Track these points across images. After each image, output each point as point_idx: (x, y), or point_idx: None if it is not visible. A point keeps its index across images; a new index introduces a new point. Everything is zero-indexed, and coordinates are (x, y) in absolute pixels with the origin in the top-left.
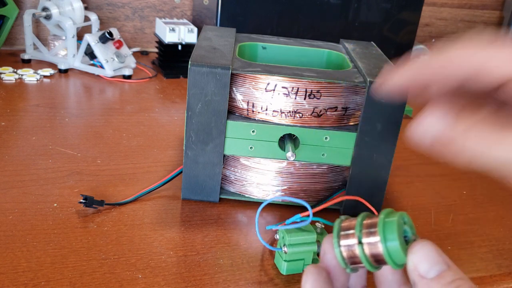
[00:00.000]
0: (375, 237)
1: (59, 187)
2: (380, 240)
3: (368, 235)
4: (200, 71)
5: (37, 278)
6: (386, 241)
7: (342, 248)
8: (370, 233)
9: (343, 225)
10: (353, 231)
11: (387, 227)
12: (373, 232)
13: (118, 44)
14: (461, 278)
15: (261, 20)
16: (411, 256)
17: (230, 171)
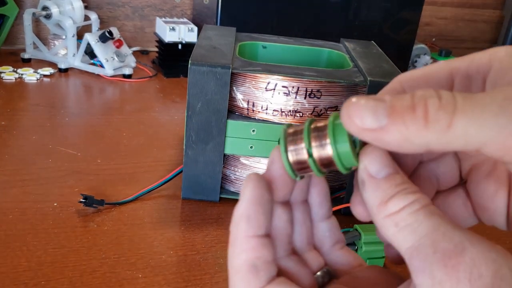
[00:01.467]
0: (324, 140)
1: (59, 187)
2: (330, 143)
3: (317, 138)
4: (200, 70)
5: (37, 277)
6: (336, 143)
7: (289, 153)
8: (319, 136)
9: (290, 131)
10: (301, 136)
11: (337, 129)
12: (323, 135)
13: (118, 43)
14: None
15: (262, 19)
16: (362, 157)
17: (230, 171)
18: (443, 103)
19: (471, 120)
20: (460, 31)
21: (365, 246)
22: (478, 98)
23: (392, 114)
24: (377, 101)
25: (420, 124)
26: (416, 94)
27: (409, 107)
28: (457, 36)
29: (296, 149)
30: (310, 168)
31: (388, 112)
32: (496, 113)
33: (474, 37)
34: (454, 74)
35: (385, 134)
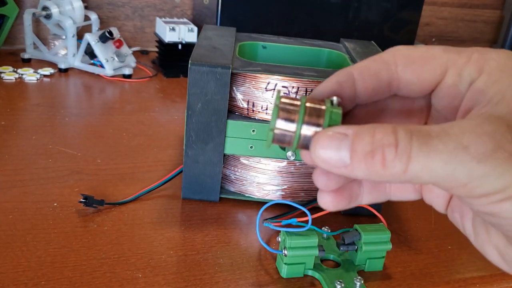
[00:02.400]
0: (318, 122)
1: (59, 187)
2: (323, 127)
3: (312, 118)
4: (200, 70)
5: (37, 277)
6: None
7: (279, 120)
8: (314, 117)
9: (285, 101)
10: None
11: (334, 117)
12: (318, 118)
13: (118, 44)
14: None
15: (262, 19)
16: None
17: (230, 171)
18: (399, 153)
19: (424, 168)
20: (460, 32)
21: (365, 246)
22: (433, 145)
23: (354, 157)
24: (340, 140)
25: (379, 168)
26: (375, 138)
27: (369, 152)
28: (457, 36)
29: (288, 119)
30: (291, 141)
31: (350, 155)
32: (445, 162)
33: (474, 38)
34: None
35: (350, 170)
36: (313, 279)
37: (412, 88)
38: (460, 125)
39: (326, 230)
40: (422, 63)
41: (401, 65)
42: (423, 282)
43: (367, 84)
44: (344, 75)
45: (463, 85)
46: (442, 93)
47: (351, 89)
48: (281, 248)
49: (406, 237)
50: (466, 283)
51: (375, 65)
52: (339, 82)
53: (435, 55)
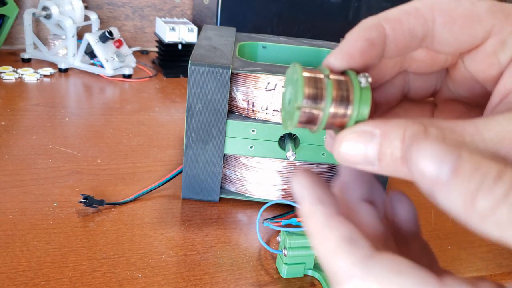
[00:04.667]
0: (347, 104)
1: (59, 187)
2: (352, 109)
3: (340, 98)
4: (200, 70)
5: (37, 277)
6: (360, 110)
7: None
8: (343, 98)
9: (308, 75)
10: (322, 88)
11: (364, 97)
12: (347, 98)
13: (118, 44)
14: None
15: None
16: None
17: (230, 171)
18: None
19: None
20: None
21: None
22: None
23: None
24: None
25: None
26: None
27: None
28: None
29: (312, 105)
30: (315, 126)
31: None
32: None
33: None
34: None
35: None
36: (313, 279)
37: (446, 47)
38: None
39: None
40: (464, 24)
41: (440, 23)
42: None
43: (399, 41)
44: (375, 30)
45: (505, 55)
46: (478, 59)
47: (382, 46)
48: (281, 248)
49: None
50: None
51: (410, 19)
52: (369, 40)
53: (480, 15)
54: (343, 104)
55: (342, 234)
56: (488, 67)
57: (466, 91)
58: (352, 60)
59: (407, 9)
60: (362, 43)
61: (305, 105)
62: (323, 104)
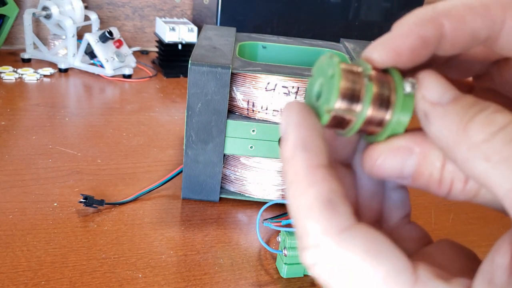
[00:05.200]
0: (387, 109)
1: (59, 187)
2: (392, 114)
3: (379, 102)
4: (200, 70)
5: (37, 277)
6: (400, 117)
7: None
8: (382, 101)
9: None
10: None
11: (406, 105)
12: (387, 103)
13: (118, 44)
14: (486, 102)
15: (261, 19)
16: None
17: (230, 171)
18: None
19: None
20: None
21: None
22: None
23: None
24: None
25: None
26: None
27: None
28: None
29: (349, 100)
30: (345, 130)
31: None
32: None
33: None
34: None
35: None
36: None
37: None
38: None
39: None
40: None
41: (511, 27)
42: None
43: (458, 41)
44: (431, 26)
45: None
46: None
47: (436, 45)
48: (281, 248)
49: None
50: None
51: (475, 19)
52: (423, 38)
53: None
54: (382, 110)
55: (321, 193)
56: None
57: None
58: (399, 58)
59: (474, 5)
60: (414, 41)
61: (337, 109)
62: (359, 108)
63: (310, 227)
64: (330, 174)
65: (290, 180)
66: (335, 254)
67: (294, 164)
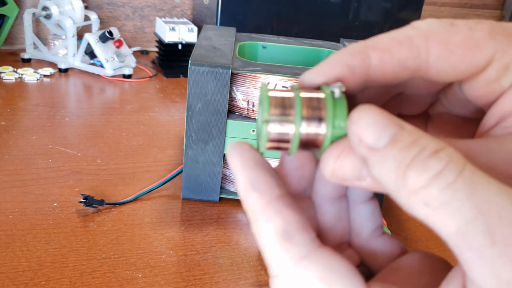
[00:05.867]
0: (320, 117)
1: (59, 187)
2: (327, 122)
3: (311, 113)
4: (200, 70)
5: (37, 277)
6: (335, 122)
7: (271, 123)
8: (314, 111)
9: (274, 95)
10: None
11: (338, 108)
12: (319, 111)
13: (118, 44)
14: (426, 137)
15: (261, 19)
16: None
17: (230, 171)
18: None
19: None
20: None
21: None
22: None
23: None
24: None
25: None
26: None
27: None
28: None
29: (281, 120)
30: (288, 144)
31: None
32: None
33: None
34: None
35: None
36: None
37: (443, 77)
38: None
39: None
40: (463, 53)
41: (436, 54)
42: None
43: (387, 71)
44: (358, 58)
45: (507, 80)
46: (478, 85)
47: (364, 75)
48: None
49: (406, 237)
50: None
51: (401, 51)
52: (350, 66)
53: (480, 42)
54: (315, 117)
55: (277, 227)
56: (488, 93)
57: (460, 108)
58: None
59: (399, 38)
60: (341, 69)
61: (273, 117)
62: (293, 112)
63: (271, 259)
64: (284, 204)
65: (250, 218)
66: (293, 282)
67: (249, 204)
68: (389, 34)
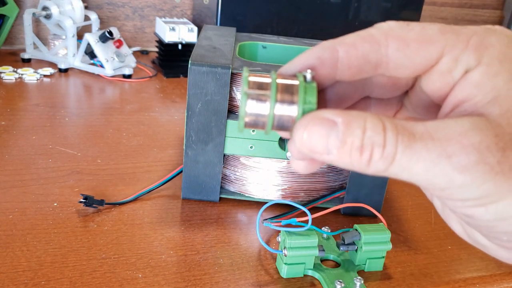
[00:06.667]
0: (293, 99)
1: (59, 187)
2: (298, 104)
3: (285, 96)
4: (200, 70)
5: (37, 277)
6: (305, 105)
7: (248, 103)
8: (288, 94)
9: (253, 80)
10: (267, 89)
11: (309, 91)
12: (292, 94)
13: (118, 44)
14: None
15: (261, 19)
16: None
17: (230, 171)
18: (384, 155)
19: (404, 170)
20: None
21: (365, 246)
22: (417, 150)
23: (341, 148)
24: (329, 128)
25: (363, 164)
26: (366, 134)
27: (358, 148)
28: None
29: (258, 96)
30: (264, 124)
31: (338, 145)
32: (426, 168)
33: None
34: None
35: (333, 159)
36: (313, 279)
37: (402, 71)
38: (445, 130)
39: (326, 230)
40: (417, 47)
41: (394, 48)
42: (423, 282)
43: (352, 64)
44: (328, 51)
45: (458, 72)
46: (434, 78)
47: (333, 67)
48: (281, 248)
49: (406, 237)
50: (466, 283)
51: (364, 45)
52: (321, 58)
53: (432, 37)
54: (289, 96)
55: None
56: (443, 85)
57: (423, 111)
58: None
59: (363, 35)
60: (313, 60)
61: (251, 91)
62: (269, 93)
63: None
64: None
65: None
66: None
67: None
68: (355, 33)
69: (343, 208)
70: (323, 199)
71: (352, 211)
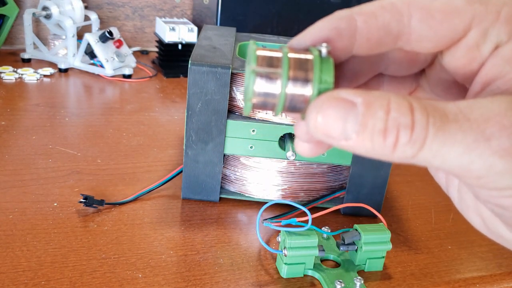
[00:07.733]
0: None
1: (59, 187)
2: (313, 82)
3: (298, 73)
4: (200, 70)
5: (37, 277)
6: (321, 84)
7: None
8: (301, 72)
9: (262, 54)
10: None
11: (325, 68)
12: (306, 72)
13: (118, 44)
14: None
15: (261, 19)
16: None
17: (230, 171)
18: (413, 138)
19: (436, 156)
20: None
21: (365, 246)
22: (451, 133)
23: (362, 133)
24: (348, 110)
25: (387, 150)
26: (390, 115)
27: (381, 131)
28: None
29: (268, 73)
30: (274, 106)
31: (358, 129)
32: (462, 153)
33: None
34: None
35: (351, 146)
36: (313, 279)
37: (425, 44)
38: (481, 109)
39: (326, 230)
40: (442, 18)
41: (417, 18)
42: (423, 282)
43: (372, 35)
44: (345, 20)
45: (487, 47)
46: (459, 53)
47: (351, 39)
48: (281, 248)
49: (406, 237)
50: (466, 283)
51: (384, 14)
52: (337, 29)
53: (458, 8)
54: (303, 73)
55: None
56: (469, 62)
57: (443, 91)
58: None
59: (383, 4)
60: (329, 32)
61: (259, 68)
62: (280, 70)
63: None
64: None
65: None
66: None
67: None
68: (373, 2)
69: (343, 208)
70: (323, 199)
71: (352, 211)
